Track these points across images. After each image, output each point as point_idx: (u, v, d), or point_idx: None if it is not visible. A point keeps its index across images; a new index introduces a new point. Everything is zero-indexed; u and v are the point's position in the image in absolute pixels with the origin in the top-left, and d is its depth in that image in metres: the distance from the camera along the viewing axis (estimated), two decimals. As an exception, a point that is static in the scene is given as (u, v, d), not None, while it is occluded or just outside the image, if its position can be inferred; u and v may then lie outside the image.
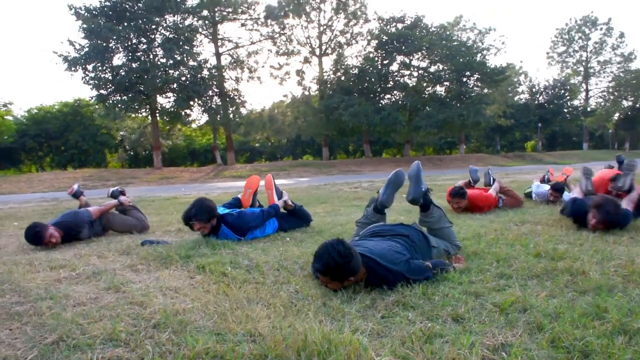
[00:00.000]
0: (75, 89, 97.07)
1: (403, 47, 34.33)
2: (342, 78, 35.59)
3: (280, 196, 5.28)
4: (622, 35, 53.30)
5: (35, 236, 4.72)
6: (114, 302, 2.75)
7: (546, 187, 7.42)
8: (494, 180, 7.28)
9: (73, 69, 28.38)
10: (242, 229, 4.65)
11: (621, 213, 4.55)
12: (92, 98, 31.05)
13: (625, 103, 55.55)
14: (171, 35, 29.86)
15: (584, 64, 55.21)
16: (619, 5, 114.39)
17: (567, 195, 6.84)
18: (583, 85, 56.01)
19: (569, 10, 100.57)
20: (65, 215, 5.23)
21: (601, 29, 53.83)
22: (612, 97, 55.01)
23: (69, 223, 5.03)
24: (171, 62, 29.84)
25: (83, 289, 3.07)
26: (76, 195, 6.25)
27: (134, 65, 29.41)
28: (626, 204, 4.94)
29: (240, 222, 4.65)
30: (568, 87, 51.47)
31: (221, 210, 4.85)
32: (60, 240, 4.83)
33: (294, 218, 5.36)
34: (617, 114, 56.76)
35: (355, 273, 2.78)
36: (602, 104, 56.07)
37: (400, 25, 35.51)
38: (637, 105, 54.83)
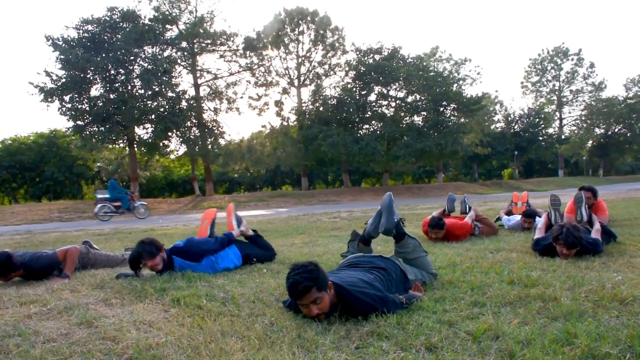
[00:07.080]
0: (51, 119, 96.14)
1: (380, 78, 34.92)
2: (321, 108, 35.88)
3: (239, 224, 5.33)
4: (592, 65, 55.05)
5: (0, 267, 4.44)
6: (85, 337, 2.70)
7: (517, 217, 7.50)
8: (469, 208, 7.37)
9: (49, 99, 28.19)
10: (195, 254, 4.59)
11: (582, 231, 4.63)
12: (68, 129, 30.74)
13: (597, 131, 56.95)
14: (149, 67, 29.85)
15: (557, 93, 56.71)
16: (589, 37, 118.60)
17: (539, 220, 6.92)
18: (557, 113, 57.45)
19: (541, 41, 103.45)
20: (36, 260, 4.70)
21: (572, 59, 55.59)
22: (584, 125, 56.42)
23: (35, 270, 4.67)
24: (149, 93, 29.80)
25: (54, 324, 3.00)
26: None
27: (111, 96, 29.32)
28: (594, 234, 5.03)
29: (190, 247, 4.62)
30: (542, 116, 52.73)
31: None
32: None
33: (257, 246, 5.36)
34: (590, 141, 58.08)
35: (324, 286, 2.79)
36: (576, 131, 57.53)
37: (377, 57, 36.18)
38: (609, 133, 56.25)
